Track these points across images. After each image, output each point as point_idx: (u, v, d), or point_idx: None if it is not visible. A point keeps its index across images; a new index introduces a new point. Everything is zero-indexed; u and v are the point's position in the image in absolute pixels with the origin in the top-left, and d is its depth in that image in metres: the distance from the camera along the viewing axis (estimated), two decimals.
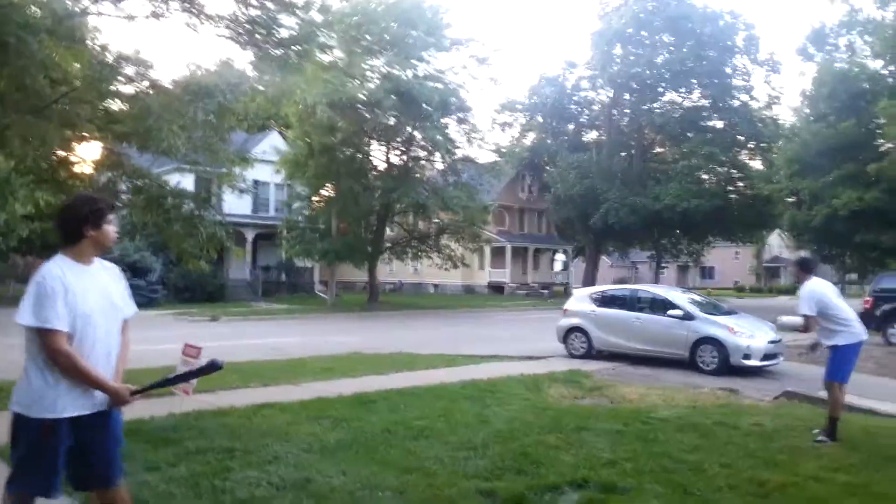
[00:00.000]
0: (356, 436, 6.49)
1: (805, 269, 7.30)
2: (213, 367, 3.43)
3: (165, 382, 3.62)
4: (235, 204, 28.93)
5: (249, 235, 34.89)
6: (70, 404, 3.14)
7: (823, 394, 9.21)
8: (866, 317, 17.32)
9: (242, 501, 4.60)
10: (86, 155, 10.24)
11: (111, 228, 3.32)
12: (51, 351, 3.05)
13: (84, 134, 9.45)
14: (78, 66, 9.17)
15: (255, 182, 31.31)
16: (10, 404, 3.15)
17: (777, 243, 64.34)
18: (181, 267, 18.85)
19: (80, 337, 3.13)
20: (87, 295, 3.17)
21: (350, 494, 4.80)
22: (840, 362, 6.89)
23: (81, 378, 3.12)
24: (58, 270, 3.13)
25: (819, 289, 7.01)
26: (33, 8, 8.35)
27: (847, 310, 7.02)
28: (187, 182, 18.83)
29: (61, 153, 9.82)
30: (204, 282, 28.97)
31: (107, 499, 3.45)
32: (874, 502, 4.95)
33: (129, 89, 9.60)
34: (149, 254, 28.38)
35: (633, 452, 6.11)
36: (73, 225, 3.25)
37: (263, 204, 37.38)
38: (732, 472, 5.57)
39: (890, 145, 22.20)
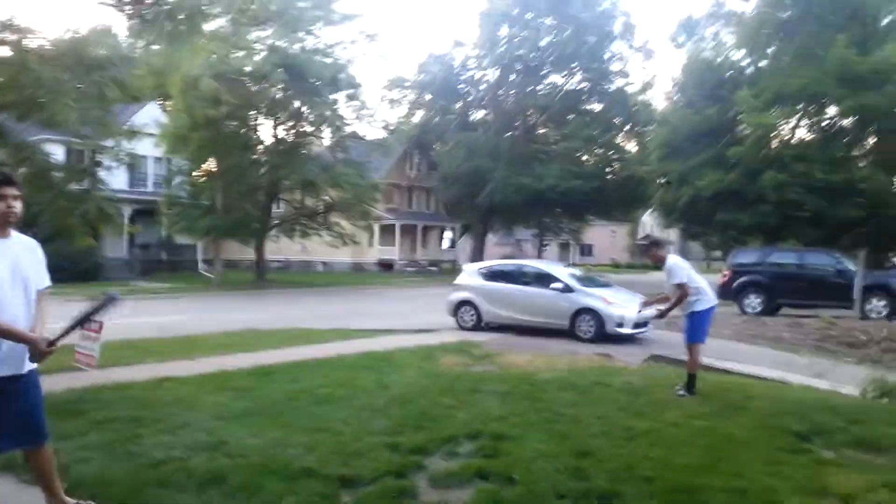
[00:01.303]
0: (261, 404, 6.77)
1: (660, 247, 8.27)
2: (111, 299, 3.63)
3: (76, 324, 3.67)
4: (111, 178, 27.66)
5: (127, 211, 33.35)
6: None
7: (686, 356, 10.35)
8: (725, 289, 19.12)
9: (161, 461, 4.82)
10: None
11: (11, 203, 3.44)
12: None
13: None
14: None
15: (133, 154, 29.98)
16: None
17: (650, 222, 68.31)
18: (51, 245, 17.99)
19: None
20: None
21: (262, 452, 5.11)
22: (697, 325, 7.84)
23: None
24: None
25: (682, 262, 7.95)
26: None
27: (700, 280, 7.98)
28: (55, 150, 17.92)
29: None
30: (77, 260, 27.44)
31: (34, 457, 3.66)
32: (721, 441, 5.80)
33: (6, 54, 9.23)
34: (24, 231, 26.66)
35: (520, 409, 6.76)
36: None
37: (141, 178, 35.80)
38: (605, 422, 6.32)
39: (747, 132, 24.23)
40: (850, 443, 5.82)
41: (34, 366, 3.53)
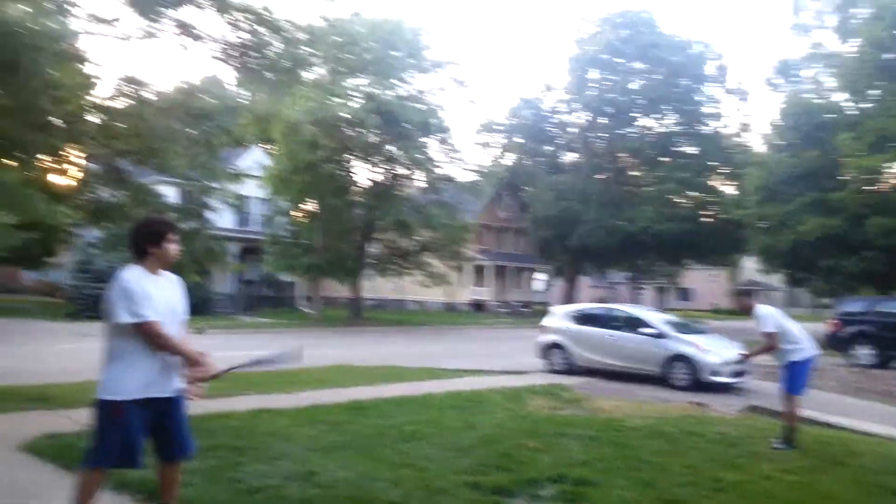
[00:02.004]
0: (352, 438, 7.02)
1: (748, 295, 8.12)
2: (291, 357, 4.07)
3: (250, 365, 4.21)
4: (221, 218, 29.30)
5: (235, 249, 35.13)
6: (139, 387, 3.71)
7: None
8: (832, 339, 18.23)
9: (257, 489, 5.13)
10: (87, 169, 10.68)
11: (172, 247, 3.90)
12: (152, 337, 3.66)
13: (89, 151, 9.90)
14: (82, 85, 9.69)
15: (239, 195, 31.67)
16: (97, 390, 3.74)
17: (751, 267, 65.70)
18: None
19: None
20: (159, 300, 3.75)
21: (351, 484, 5.34)
22: (795, 377, 7.56)
23: (180, 353, 3.75)
24: (135, 276, 3.73)
25: (772, 311, 7.75)
26: (38, 29, 8.86)
27: (797, 329, 7.72)
28: (170, 191, 19.20)
29: (64, 167, 10.29)
30: (187, 294, 29.11)
31: (169, 472, 4.03)
32: (814, 497, 5.59)
33: (127, 107, 10.12)
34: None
35: (605, 455, 6.71)
36: (138, 243, 3.84)
37: (247, 219, 37.71)
38: (693, 472, 6.19)
39: (850, 175, 23.20)
40: None
41: (182, 386, 3.93)
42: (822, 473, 6.35)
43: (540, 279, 50.91)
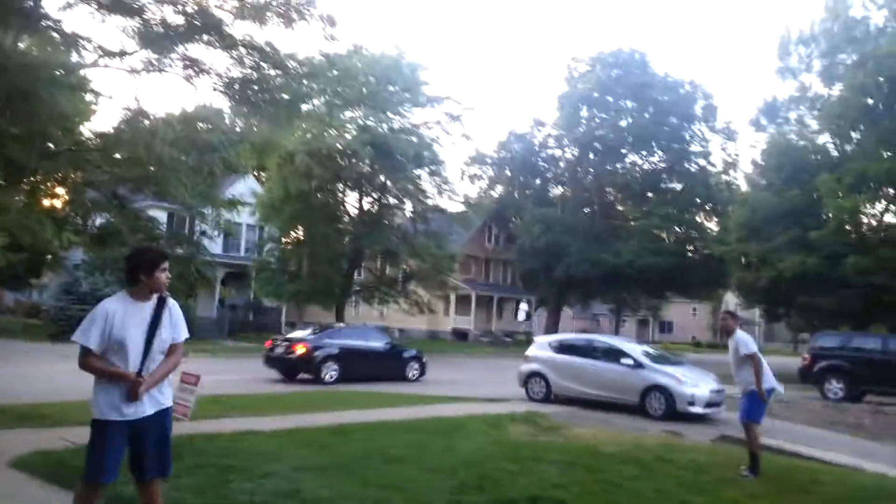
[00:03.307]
0: (337, 459, 7.27)
1: (735, 319, 8.47)
2: None
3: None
4: (207, 243, 29.52)
5: (220, 274, 35.24)
6: (117, 410, 3.96)
7: (762, 440, 10.28)
8: (805, 372, 18.62)
9: None
10: (87, 195, 10.95)
11: (162, 276, 4.16)
12: (79, 362, 3.93)
13: (91, 177, 10.21)
14: (88, 114, 10.06)
15: (230, 222, 31.91)
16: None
17: (733, 301, 66.41)
18: None
19: (122, 356, 3.96)
20: (127, 325, 3.99)
21: (335, 502, 5.59)
22: (756, 404, 7.90)
23: (101, 376, 3.94)
24: (110, 304, 4.00)
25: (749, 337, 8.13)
26: (51, 62, 9.22)
27: (763, 360, 8.10)
28: (158, 214, 19.41)
29: (67, 192, 10.59)
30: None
31: (147, 491, 4.26)
32: None
33: (131, 136, 10.46)
34: (118, 289, 28.74)
35: (580, 478, 7.00)
36: (131, 271, 4.12)
37: (234, 244, 37.86)
38: (663, 496, 6.50)
39: (829, 215, 23.84)
40: None
41: (167, 405, 4.17)
42: (785, 499, 6.67)
43: (524, 310, 51.22)
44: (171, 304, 4.27)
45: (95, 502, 4.08)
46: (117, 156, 9.45)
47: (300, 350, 16.98)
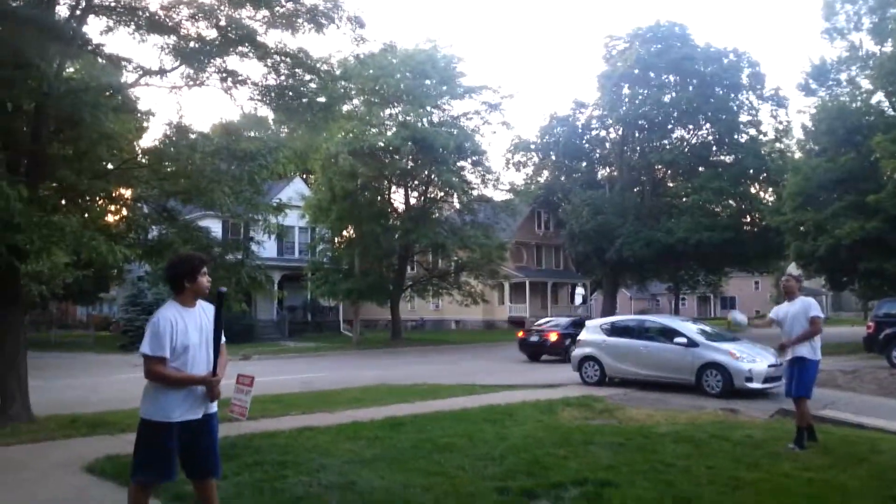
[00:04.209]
0: (388, 451, 7.46)
1: (800, 282, 8.32)
2: None
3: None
4: (263, 248, 30.25)
5: (276, 277, 36.09)
6: (178, 412, 4.20)
7: (825, 412, 10.10)
8: (870, 341, 18.07)
9: (299, 498, 5.60)
10: (139, 210, 11.40)
11: (204, 280, 4.38)
12: (149, 371, 4.14)
13: (140, 193, 10.63)
14: (134, 132, 10.46)
15: (281, 226, 32.61)
16: (140, 411, 4.24)
17: (796, 272, 64.61)
18: None
19: (184, 360, 4.20)
20: (189, 330, 4.24)
21: (387, 492, 5.78)
22: (812, 377, 7.75)
23: (176, 384, 4.17)
24: (167, 313, 4.22)
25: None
26: (95, 85, 9.63)
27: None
28: (213, 224, 20.00)
29: (118, 208, 11.04)
30: (232, 322, 30.08)
31: (202, 489, 4.50)
32: (829, 490, 5.81)
33: (175, 151, 10.85)
34: None
35: (631, 459, 7.01)
36: (175, 280, 4.34)
37: (289, 247, 38.70)
38: (715, 472, 6.46)
39: (886, 178, 22.95)
40: None
41: (215, 410, 4.39)
42: (840, 470, 6.55)
43: (580, 294, 50.91)
44: (209, 306, 4.49)
45: (147, 499, 4.35)
46: (164, 170, 9.80)
47: (553, 337, 21.91)
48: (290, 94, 10.86)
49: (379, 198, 33.59)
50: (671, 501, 5.44)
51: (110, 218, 11.09)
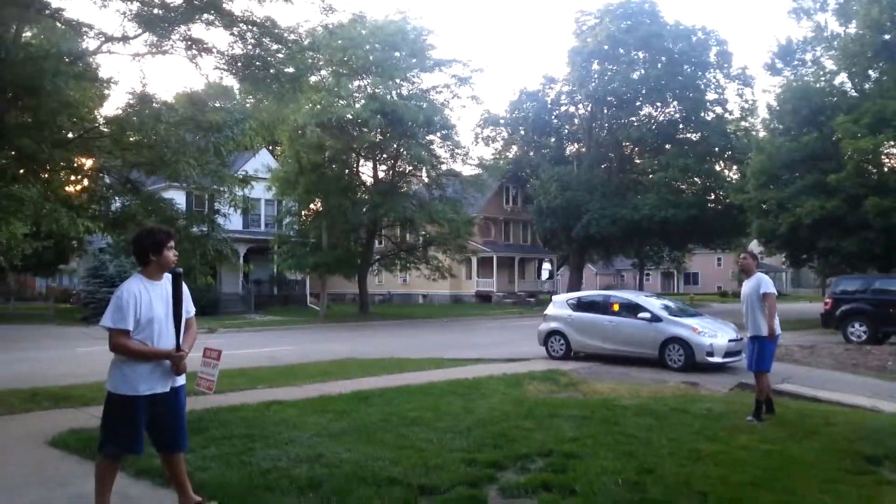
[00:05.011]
0: (356, 424, 7.49)
1: (756, 260, 8.52)
2: None
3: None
4: (228, 220, 29.89)
5: (242, 250, 35.71)
6: (145, 385, 4.17)
7: (783, 385, 10.39)
8: (827, 317, 18.59)
9: (268, 470, 5.60)
10: (101, 180, 11.16)
11: (170, 254, 4.34)
12: (114, 344, 4.10)
13: (102, 163, 10.39)
14: (96, 101, 10.19)
15: (247, 198, 32.21)
16: (106, 385, 4.20)
17: (757, 249, 65.91)
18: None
19: (148, 333, 4.16)
20: (154, 303, 4.20)
21: (354, 464, 5.81)
22: (768, 351, 7.98)
23: (141, 357, 4.14)
24: (131, 286, 4.17)
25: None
26: (55, 52, 9.33)
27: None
28: (177, 195, 19.65)
29: (80, 179, 10.80)
30: (198, 296, 29.59)
31: (170, 462, 4.49)
32: (785, 462, 6.01)
33: (139, 121, 10.60)
34: None
35: (595, 431, 7.15)
36: (141, 253, 4.29)
37: (255, 219, 38.27)
38: (675, 444, 6.62)
39: (847, 158, 23.43)
40: None
41: (182, 383, 4.37)
42: (796, 442, 6.77)
43: (546, 269, 51.35)
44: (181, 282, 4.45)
45: (114, 473, 4.33)
46: (127, 140, 9.59)
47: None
48: (257, 63, 10.67)
49: (347, 171, 33.32)
50: (634, 472, 5.56)
51: (72, 188, 10.85)
